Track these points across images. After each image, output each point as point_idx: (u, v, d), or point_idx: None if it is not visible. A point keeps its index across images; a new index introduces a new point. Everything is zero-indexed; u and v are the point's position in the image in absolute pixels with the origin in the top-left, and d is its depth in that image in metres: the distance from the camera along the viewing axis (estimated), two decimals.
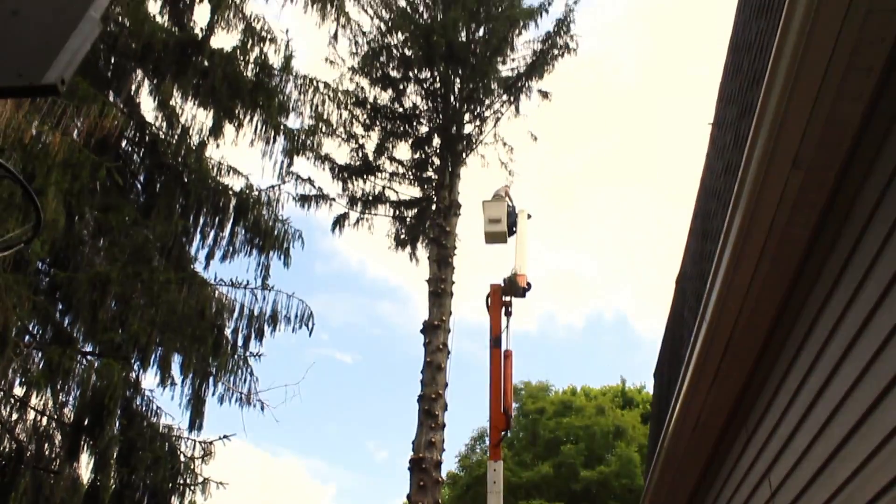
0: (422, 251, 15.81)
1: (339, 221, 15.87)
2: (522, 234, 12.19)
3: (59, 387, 8.79)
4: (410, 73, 15.61)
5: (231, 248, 11.14)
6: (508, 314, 10.65)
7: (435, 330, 13.41)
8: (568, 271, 52.47)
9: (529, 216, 12.93)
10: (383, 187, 15.92)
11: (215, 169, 11.29)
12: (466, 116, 15.77)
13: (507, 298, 10.68)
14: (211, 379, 9.97)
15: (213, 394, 9.97)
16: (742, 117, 3.51)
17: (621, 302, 53.10)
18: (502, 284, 10.74)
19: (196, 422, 9.62)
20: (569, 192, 51.88)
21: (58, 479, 8.44)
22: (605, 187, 57.72)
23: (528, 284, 10.93)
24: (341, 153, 17.96)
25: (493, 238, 12.28)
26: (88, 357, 9.27)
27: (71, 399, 8.99)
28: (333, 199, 15.45)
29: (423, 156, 15.79)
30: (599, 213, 55.40)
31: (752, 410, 4.14)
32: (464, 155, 15.79)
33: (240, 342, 10.35)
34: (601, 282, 53.28)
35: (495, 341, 10.32)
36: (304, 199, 15.18)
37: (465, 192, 16.73)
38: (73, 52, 1.64)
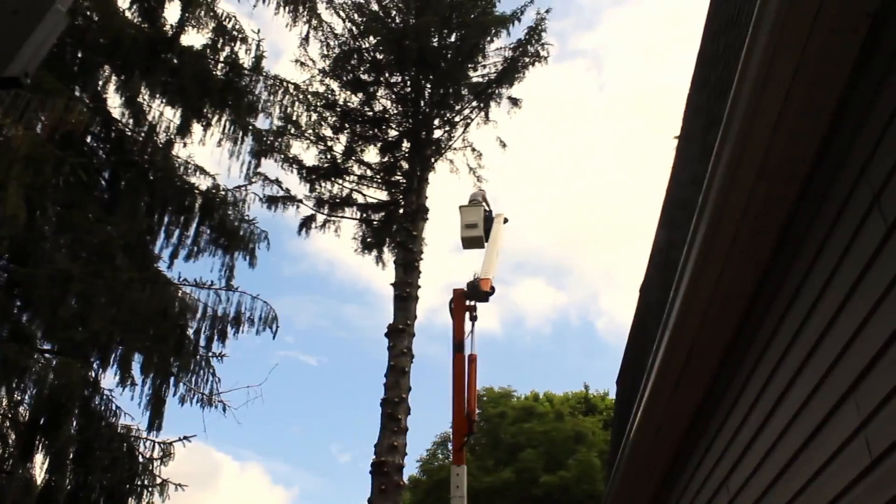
0: (388, 255, 15.77)
1: (306, 223, 15.89)
2: (496, 239, 12.24)
3: (14, 385, 8.55)
4: (381, 77, 15.74)
5: (196, 248, 11.00)
6: (473, 318, 10.87)
7: (399, 334, 13.43)
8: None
9: (506, 220, 13.04)
10: (351, 190, 15.98)
11: (182, 168, 11.16)
12: (436, 121, 15.89)
13: (472, 303, 10.75)
14: (172, 379, 9.82)
15: (174, 394, 9.84)
16: (709, 129, 3.55)
17: (590, 308, 53.78)
18: (465, 289, 10.79)
19: (155, 422, 9.46)
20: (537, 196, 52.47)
21: (10, 480, 8.20)
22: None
23: (492, 288, 10.99)
24: (309, 155, 17.98)
25: (470, 243, 12.37)
26: (47, 355, 9.04)
27: (27, 398, 8.76)
28: (300, 201, 15.44)
29: (392, 160, 15.83)
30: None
31: (713, 418, 4.18)
32: (433, 160, 15.92)
33: (202, 343, 10.23)
34: (569, 286, 53.97)
35: (458, 346, 10.40)
36: (271, 201, 15.09)
37: (433, 197, 16.90)
38: (37, 45, 1.60)
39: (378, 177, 15.89)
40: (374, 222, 16.05)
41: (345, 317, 53.31)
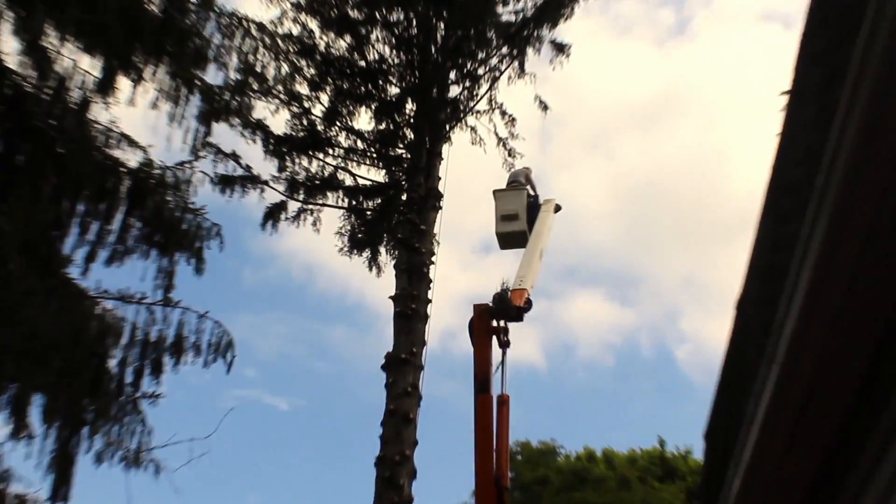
0: (386, 257, 16.39)
1: (274, 213, 16.19)
2: (542, 234, 12.40)
3: None
4: (377, 14, 15.69)
5: (121, 247, 10.83)
6: (504, 345, 10.73)
7: (402, 367, 13.48)
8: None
9: (558, 208, 13.32)
10: (336, 168, 16.25)
11: (102, 137, 11.10)
12: (452, 75, 16.08)
13: (501, 323, 10.72)
14: (86, 429, 9.75)
15: (88, 450, 9.75)
16: (831, 81, 3.44)
17: (664, 333, 53.67)
18: (490, 304, 10.77)
19: (61, 490, 9.37)
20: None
21: None
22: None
23: (528, 302, 11.02)
24: (279, 121, 17.93)
25: (509, 241, 12.75)
26: None
27: None
28: (266, 183, 15.74)
29: (392, 127, 16.06)
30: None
31: (842, 491, 4.09)
32: (447, 127, 16.11)
33: (128, 379, 10.15)
34: (639, 301, 54.11)
35: (482, 384, 10.37)
36: (225, 182, 15.26)
37: (448, 179, 16.76)
38: None
39: (372, 150, 16.19)
40: (368, 212, 16.44)
41: (327, 343, 53.50)
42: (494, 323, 10.70)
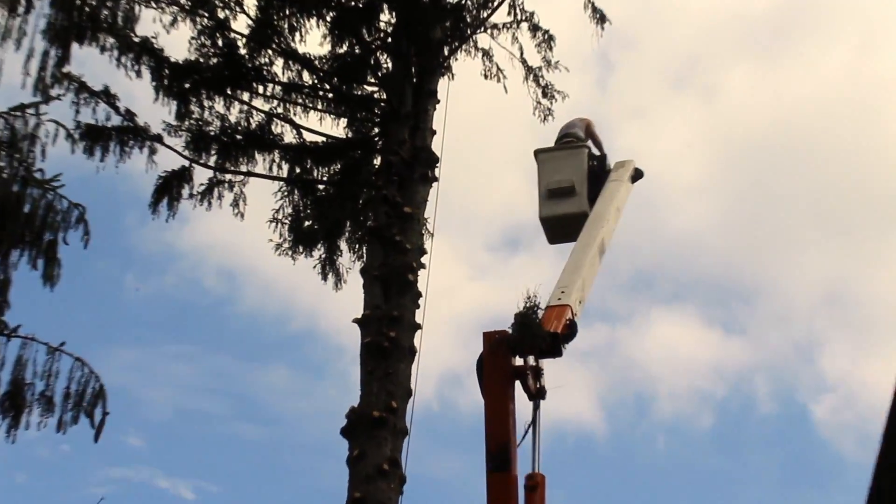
0: (350, 257, 16.48)
1: (171, 187, 15.87)
2: (602, 219, 12.69)
3: None
4: None
5: None
6: (535, 395, 10.69)
7: (374, 430, 12.88)
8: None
9: (638, 175, 13.96)
10: (269, 116, 16.13)
11: None
12: None
13: (527, 361, 10.64)
14: None
15: None
16: None
17: (794, 377, 51.35)
18: (509, 331, 10.65)
19: None
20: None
21: None
22: None
23: (570, 326, 11.01)
24: (178, 41, 17.43)
25: (560, 229, 13.18)
26: None
27: None
28: (159, 139, 15.50)
29: (359, 50, 15.85)
30: None
31: None
32: (446, 51, 15.97)
33: None
34: (753, 327, 51.47)
35: (498, 457, 10.32)
36: (94, 137, 14.93)
37: (448, 133, 15.89)
38: None
39: (327, 88, 16.22)
40: (320, 186, 16.47)
41: (256, 392, 50.80)
42: (519, 361, 10.64)
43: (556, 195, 13.10)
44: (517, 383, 10.53)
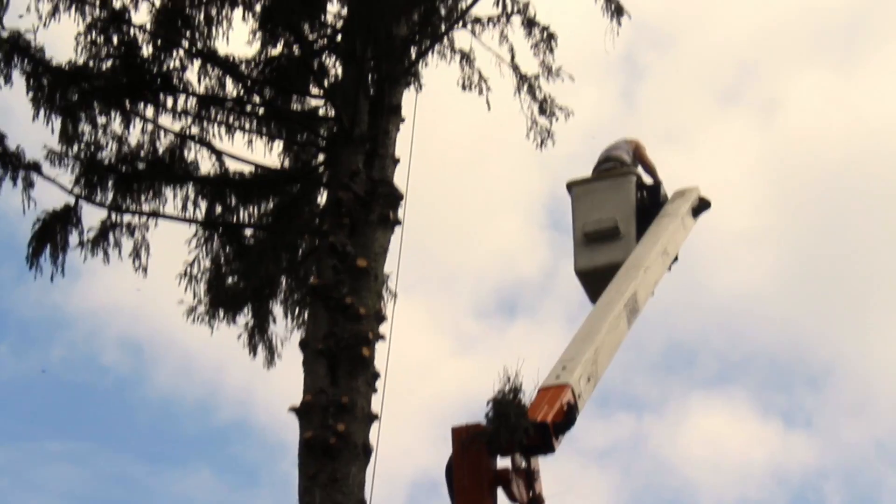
0: (287, 325, 15.16)
1: (51, 233, 14.07)
2: (640, 265, 12.01)
3: None
4: None
5: None
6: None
7: None
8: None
9: (703, 206, 13.14)
10: (180, 137, 14.45)
11: None
12: None
13: (513, 461, 9.87)
14: None
15: None
16: None
17: (880, 482, 47.27)
18: (484, 424, 9.89)
19: None
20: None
21: None
22: None
23: (566, 412, 10.13)
24: (60, 38, 15.54)
25: (601, 285, 12.02)
26: None
27: None
28: (36, 168, 13.73)
29: (299, 51, 14.38)
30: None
31: None
32: (412, 53, 14.58)
33: None
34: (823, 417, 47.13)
35: None
36: None
37: (416, 159, 14.29)
38: None
39: (257, 101, 14.74)
40: (247, 231, 15.03)
41: None
42: (505, 461, 10.01)
43: (595, 239, 12.25)
44: (500, 491, 9.68)
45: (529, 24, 14.83)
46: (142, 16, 13.97)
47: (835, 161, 42.96)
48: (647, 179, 13.19)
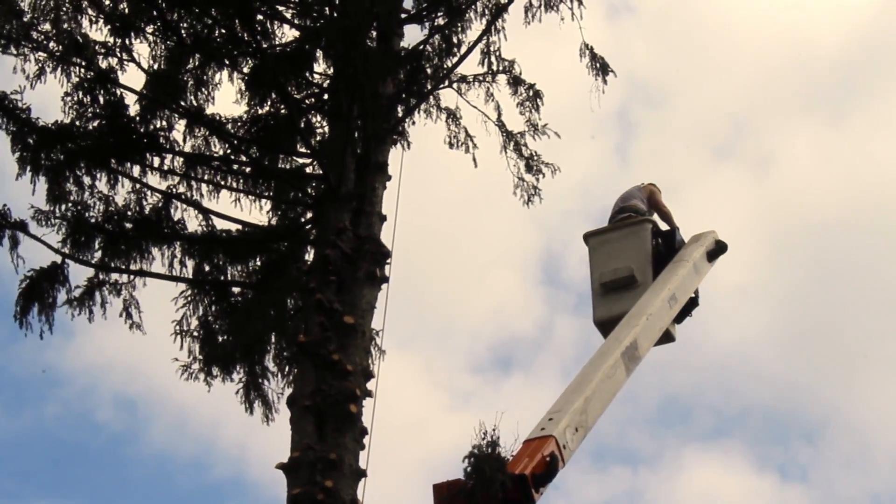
0: (278, 382, 15.00)
1: (39, 291, 14.00)
2: (647, 311, 12.06)
3: None
4: None
5: None
6: None
7: None
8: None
9: (720, 250, 13.33)
10: (167, 197, 14.46)
11: None
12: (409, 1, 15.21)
13: None
14: None
15: None
16: None
17: None
18: (463, 478, 10.01)
19: None
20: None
21: None
22: None
23: (548, 463, 10.20)
24: (47, 98, 15.68)
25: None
26: None
27: None
28: (23, 227, 13.75)
29: (285, 109, 14.36)
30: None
31: None
32: (399, 110, 14.58)
33: None
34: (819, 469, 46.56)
35: None
36: None
37: (403, 216, 14.33)
38: None
39: (244, 160, 14.81)
40: (236, 290, 14.99)
41: None
42: None
43: (612, 289, 12.37)
44: None
45: (515, 82, 14.96)
46: (129, 77, 14.06)
47: (828, 216, 42.61)
48: (664, 226, 13.34)
